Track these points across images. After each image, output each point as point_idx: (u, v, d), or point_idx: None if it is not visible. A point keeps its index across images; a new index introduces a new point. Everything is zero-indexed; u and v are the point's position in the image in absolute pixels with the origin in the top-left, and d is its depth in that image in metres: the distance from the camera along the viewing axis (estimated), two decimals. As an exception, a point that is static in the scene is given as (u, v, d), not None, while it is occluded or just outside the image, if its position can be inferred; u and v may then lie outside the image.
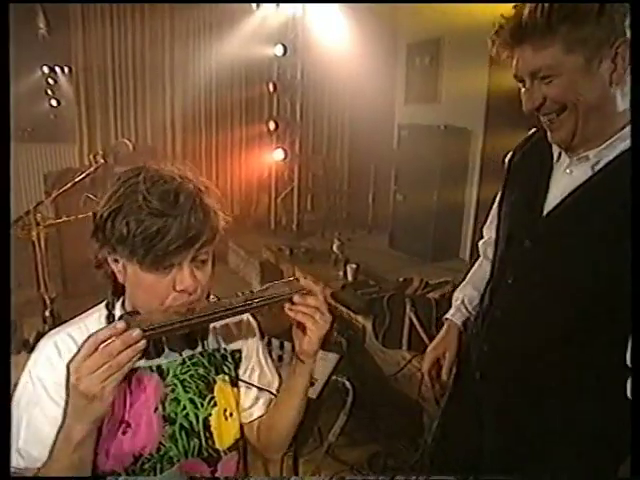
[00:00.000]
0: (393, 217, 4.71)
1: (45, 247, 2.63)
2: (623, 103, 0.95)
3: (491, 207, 1.35)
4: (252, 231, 4.95)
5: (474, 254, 4.35)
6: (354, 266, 3.45)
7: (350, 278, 3.44)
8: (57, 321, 2.70)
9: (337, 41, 4.50)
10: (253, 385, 1.07)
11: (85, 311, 1.01)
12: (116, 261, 0.89)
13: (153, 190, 0.84)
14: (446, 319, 1.44)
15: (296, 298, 0.89)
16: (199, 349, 1.01)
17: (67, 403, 0.81)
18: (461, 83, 4.04)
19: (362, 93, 4.74)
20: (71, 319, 1.00)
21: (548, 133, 1.04)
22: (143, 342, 0.75)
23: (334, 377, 1.86)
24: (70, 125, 4.92)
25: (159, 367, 0.98)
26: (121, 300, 0.98)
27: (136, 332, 0.74)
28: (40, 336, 0.96)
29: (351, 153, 5.52)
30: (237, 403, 1.07)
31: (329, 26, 4.52)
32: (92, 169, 2.66)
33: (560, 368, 1.07)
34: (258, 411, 1.10)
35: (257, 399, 1.10)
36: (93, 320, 0.97)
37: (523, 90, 1.00)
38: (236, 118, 5.07)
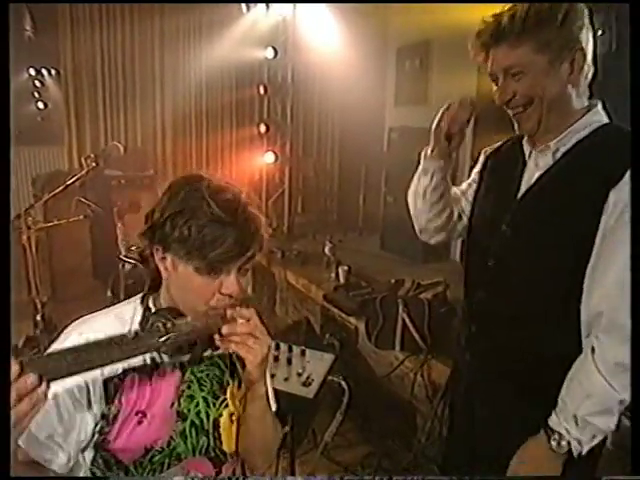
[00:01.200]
0: (384, 219, 4.74)
1: (36, 251, 2.64)
2: (577, 102, 1.15)
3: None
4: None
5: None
6: (346, 268, 3.48)
7: (342, 280, 3.47)
8: (48, 326, 2.71)
9: (327, 44, 4.54)
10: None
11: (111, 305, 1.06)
12: (164, 259, 0.95)
13: (216, 198, 0.90)
14: None
15: (224, 329, 0.90)
16: (219, 351, 1.03)
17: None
18: (450, 86, 4.10)
19: (352, 95, 4.77)
20: (74, 321, 1.02)
21: (516, 125, 1.20)
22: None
23: (330, 377, 1.90)
24: (58, 128, 4.91)
25: (182, 364, 1.02)
26: (153, 296, 1.03)
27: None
28: (28, 340, 0.99)
29: (341, 155, 5.57)
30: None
31: (319, 29, 4.56)
32: (84, 172, 2.68)
33: (544, 339, 1.16)
34: None
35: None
36: (128, 310, 1.02)
37: (496, 88, 1.17)
38: (226, 121, 5.09)
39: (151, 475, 0.99)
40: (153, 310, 1.00)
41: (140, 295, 1.05)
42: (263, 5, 4.60)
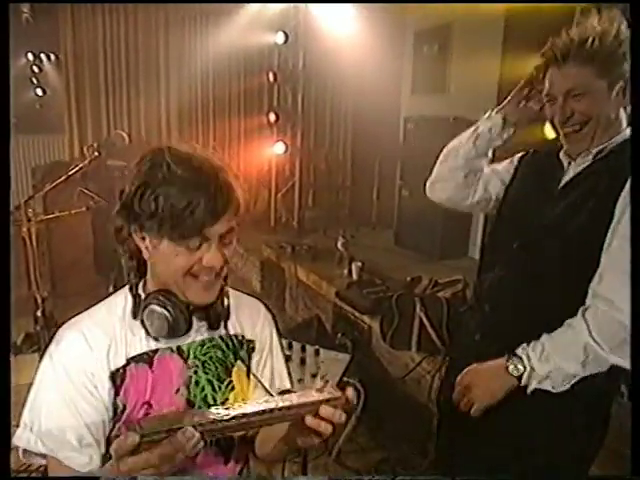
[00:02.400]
0: (399, 213, 4.75)
1: (36, 244, 2.64)
2: (624, 121, 1.29)
3: None
4: (251, 228, 4.96)
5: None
6: (359, 264, 3.48)
7: (355, 277, 3.47)
8: (49, 322, 2.72)
9: (341, 28, 4.52)
10: (260, 383, 1.11)
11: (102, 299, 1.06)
12: (143, 238, 0.95)
13: (181, 166, 0.89)
14: None
15: (322, 411, 0.84)
16: (221, 331, 1.07)
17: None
18: (471, 72, 4.06)
19: (366, 83, 4.76)
20: (74, 316, 1.03)
21: (566, 145, 1.32)
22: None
23: (345, 378, 1.88)
24: (57, 116, 4.93)
25: (179, 348, 1.03)
26: (142, 282, 1.04)
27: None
28: (28, 337, 1.00)
29: (354, 147, 5.54)
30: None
31: (332, 12, 4.53)
32: (87, 162, 2.68)
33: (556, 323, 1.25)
34: None
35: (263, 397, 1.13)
36: (118, 302, 1.03)
37: (551, 105, 1.28)
38: (234, 109, 5.07)
39: None
40: (143, 296, 1.00)
41: (128, 284, 1.05)
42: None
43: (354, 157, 5.60)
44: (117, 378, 0.98)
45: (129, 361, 0.99)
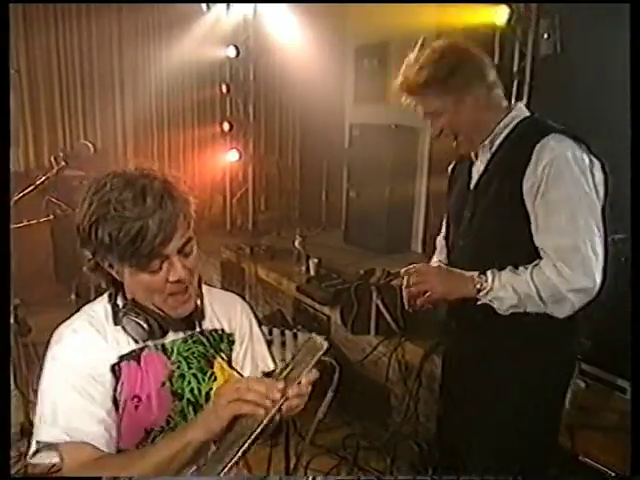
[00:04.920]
0: (347, 213, 4.87)
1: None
2: (495, 113, 1.41)
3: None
4: (207, 232, 4.96)
5: (426, 246, 4.64)
6: (316, 260, 3.59)
7: (312, 272, 3.58)
8: (22, 329, 2.66)
9: (288, 42, 4.62)
10: (238, 374, 1.16)
11: (85, 304, 1.12)
12: (110, 266, 0.99)
13: (121, 198, 0.91)
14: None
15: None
16: (197, 329, 1.12)
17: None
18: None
19: (313, 94, 4.86)
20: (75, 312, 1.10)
21: (457, 149, 1.48)
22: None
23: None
24: (12, 129, 4.74)
25: (163, 346, 1.09)
26: (118, 293, 1.08)
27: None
28: None
29: (303, 153, 5.64)
30: None
31: (280, 28, 4.62)
32: (54, 171, 2.65)
33: None
34: None
35: None
36: (99, 311, 1.08)
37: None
38: (188, 120, 5.06)
39: None
40: (121, 306, 1.05)
41: (107, 294, 1.10)
42: (224, 4, 4.62)
43: (303, 162, 5.70)
44: (116, 372, 1.03)
45: (121, 358, 1.04)
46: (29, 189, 2.61)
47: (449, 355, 1.77)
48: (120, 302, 1.07)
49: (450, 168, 1.70)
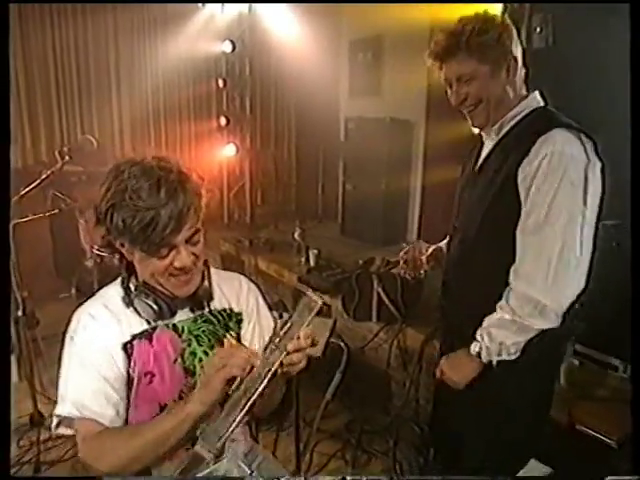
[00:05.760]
0: (344, 206, 4.93)
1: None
2: (515, 96, 1.42)
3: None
4: (206, 226, 5.00)
5: (421, 237, 4.72)
6: (316, 252, 3.65)
7: (312, 263, 3.64)
8: (30, 321, 2.70)
9: (284, 37, 4.66)
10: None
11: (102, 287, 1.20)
12: (122, 245, 1.06)
13: (137, 187, 0.96)
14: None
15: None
16: (207, 309, 1.20)
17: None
18: (402, 78, 4.34)
19: (308, 88, 4.90)
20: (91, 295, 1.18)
21: (470, 120, 1.47)
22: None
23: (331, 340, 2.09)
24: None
25: (174, 325, 1.16)
26: (131, 277, 1.15)
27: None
28: None
29: (299, 146, 5.67)
30: None
31: (276, 22, 4.66)
32: (58, 166, 2.69)
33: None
34: None
35: None
36: (114, 293, 1.15)
37: (450, 90, 1.44)
38: (185, 114, 5.07)
39: None
40: (133, 289, 1.12)
41: (120, 278, 1.16)
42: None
43: (299, 156, 5.74)
44: (128, 350, 1.10)
45: (133, 337, 1.11)
46: (35, 183, 2.64)
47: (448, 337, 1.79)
48: (132, 285, 1.13)
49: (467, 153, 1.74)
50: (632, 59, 1.16)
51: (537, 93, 1.45)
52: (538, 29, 3.03)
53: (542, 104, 1.44)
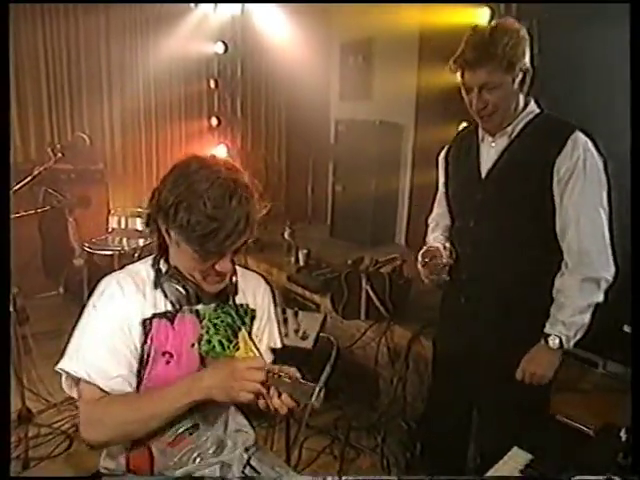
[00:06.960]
0: (333, 207, 4.98)
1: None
2: (522, 100, 1.52)
3: (435, 194, 1.87)
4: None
5: (409, 239, 4.77)
6: (305, 251, 3.69)
7: (302, 263, 3.68)
8: (21, 317, 2.69)
9: (275, 39, 4.70)
10: (255, 347, 1.27)
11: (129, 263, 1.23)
12: (168, 232, 1.08)
13: (211, 194, 0.98)
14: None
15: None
16: (230, 302, 1.23)
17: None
18: (392, 81, 4.41)
19: (299, 90, 4.95)
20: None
21: (481, 124, 1.56)
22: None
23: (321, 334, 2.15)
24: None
25: (197, 311, 1.19)
26: (162, 258, 1.18)
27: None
28: None
29: (289, 148, 5.68)
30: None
31: (268, 25, 4.71)
32: (52, 162, 2.71)
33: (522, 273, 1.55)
34: None
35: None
36: (142, 270, 1.18)
37: (468, 95, 1.50)
38: (176, 114, 5.04)
39: None
40: (164, 271, 1.15)
41: (151, 257, 1.20)
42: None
43: (289, 157, 5.75)
44: (146, 326, 1.12)
45: (154, 315, 1.14)
46: (27, 180, 2.65)
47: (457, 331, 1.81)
48: (163, 267, 1.16)
49: (443, 153, 1.78)
50: (632, 59, 1.18)
51: (533, 99, 1.56)
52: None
53: (538, 110, 1.55)
